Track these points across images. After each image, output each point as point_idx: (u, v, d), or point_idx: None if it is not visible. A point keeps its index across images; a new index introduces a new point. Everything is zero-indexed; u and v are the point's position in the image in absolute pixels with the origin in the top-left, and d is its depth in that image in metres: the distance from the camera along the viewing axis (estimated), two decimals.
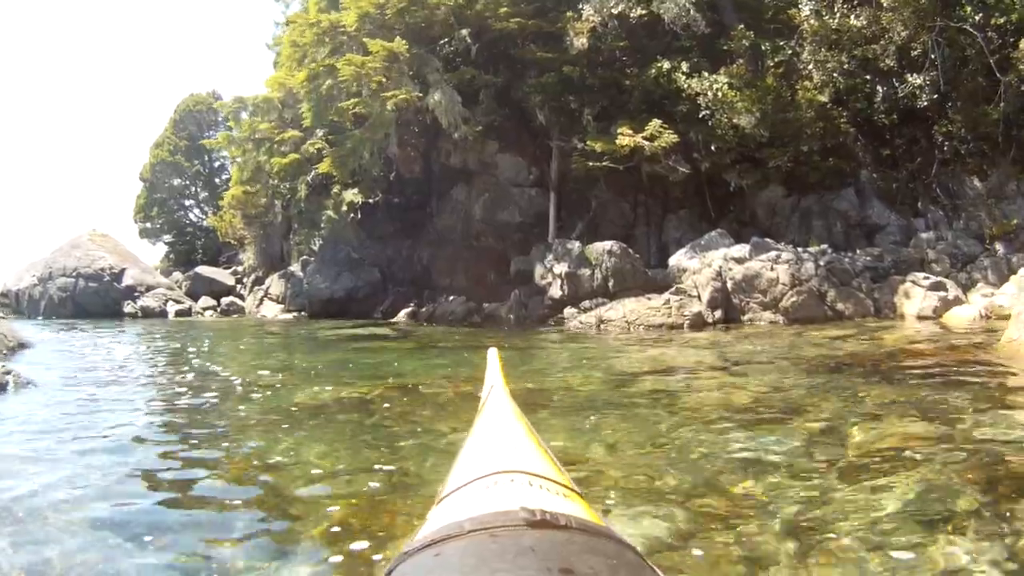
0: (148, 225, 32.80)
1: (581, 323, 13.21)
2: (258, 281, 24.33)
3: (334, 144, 17.20)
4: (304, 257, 22.11)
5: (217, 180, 33.48)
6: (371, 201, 18.06)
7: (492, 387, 1.56)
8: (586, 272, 14.64)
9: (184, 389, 6.50)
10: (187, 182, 33.89)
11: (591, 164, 15.10)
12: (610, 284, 14.39)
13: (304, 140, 18.34)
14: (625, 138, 14.22)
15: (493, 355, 1.79)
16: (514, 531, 0.69)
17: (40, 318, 21.86)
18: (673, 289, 13.33)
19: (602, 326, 12.69)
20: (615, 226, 16.90)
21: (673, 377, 6.89)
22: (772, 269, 12.98)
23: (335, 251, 20.05)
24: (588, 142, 15.09)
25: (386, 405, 5.49)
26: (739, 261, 13.49)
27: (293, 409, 5.35)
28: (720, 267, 13.31)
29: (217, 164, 33.87)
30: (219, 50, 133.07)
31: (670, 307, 12.36)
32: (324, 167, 16.92)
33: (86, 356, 9.93)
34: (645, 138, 14.51)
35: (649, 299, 12.87)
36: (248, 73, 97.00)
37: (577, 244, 15.22)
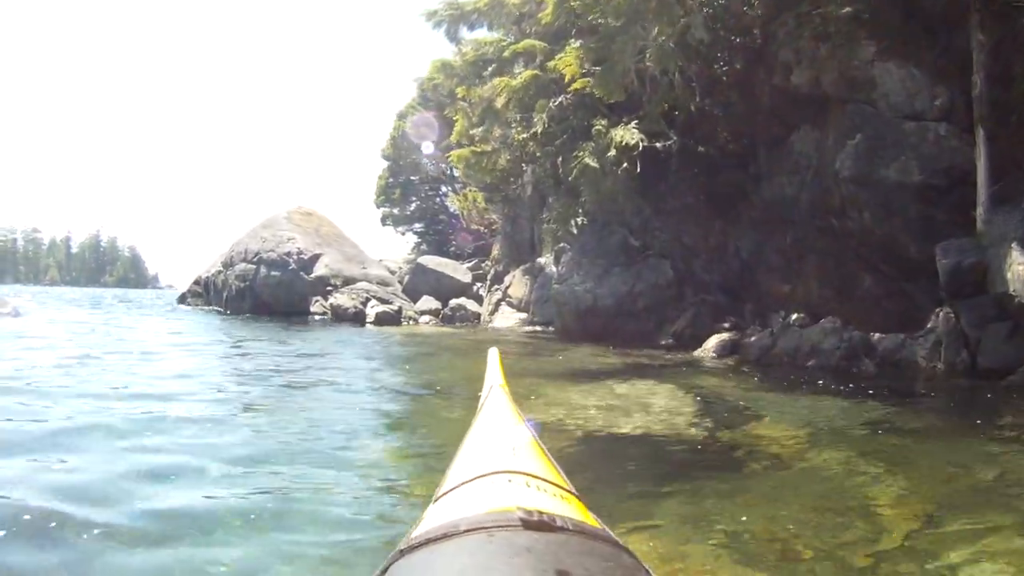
0: (395, 211, 28.86)
1: None
2: (497, 278, 18.17)
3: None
4: (561, 244, 15.55)
5: None
6: (659, 147, 10.64)
7: (492, 387, 1.49)
8: None
9: None
10: (437, 160, 29.47)
11: None
12: None
13: (552, 54, 11.47)
14: None
15: (494, 354, 1.67)
16: (510, 531, 0.68)
17: (226, 311, 18.81)
18: None
19: None
20: None
21: None
22: None
23: (603, 235, 13.19)
24: None
25: None
26: None
27: None
28: None
29: None
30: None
31: None
32: (577, 81, 9.83)
33: None
34: None
35: None
36: None
37: None
